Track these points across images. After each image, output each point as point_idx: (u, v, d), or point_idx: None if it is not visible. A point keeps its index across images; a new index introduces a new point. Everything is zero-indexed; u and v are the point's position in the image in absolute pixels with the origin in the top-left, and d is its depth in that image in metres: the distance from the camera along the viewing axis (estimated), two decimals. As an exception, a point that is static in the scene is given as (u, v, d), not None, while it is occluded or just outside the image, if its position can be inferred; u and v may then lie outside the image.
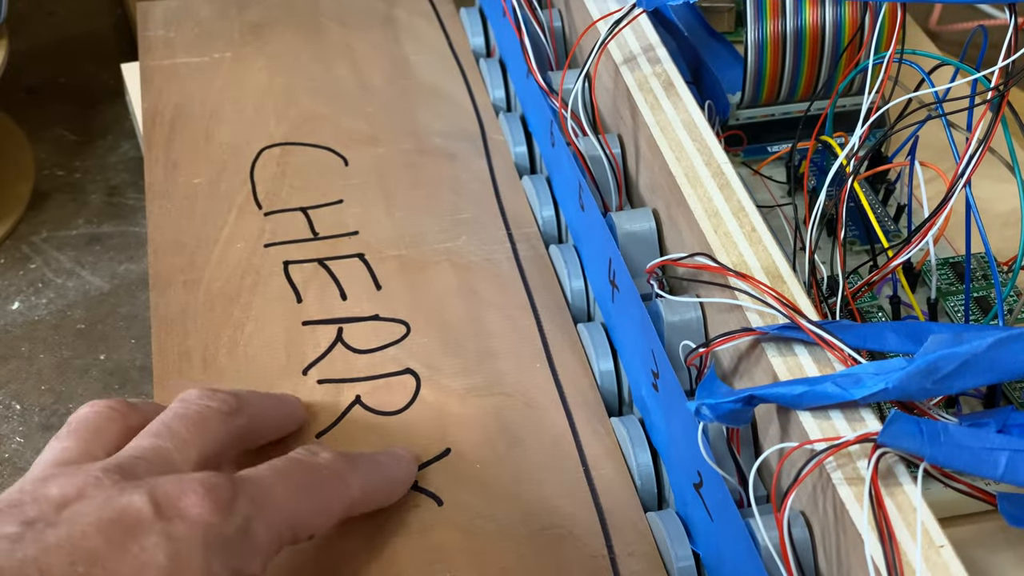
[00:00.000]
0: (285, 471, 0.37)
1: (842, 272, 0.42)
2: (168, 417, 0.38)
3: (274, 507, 0.35)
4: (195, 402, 0.39)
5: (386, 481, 0.40)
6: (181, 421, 0.38)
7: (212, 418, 0.38)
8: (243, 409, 0.40)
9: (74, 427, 0.38)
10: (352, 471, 0.38)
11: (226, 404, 0.39)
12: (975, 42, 0.48)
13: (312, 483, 0.37)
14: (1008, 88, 0.40)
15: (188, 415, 0.38)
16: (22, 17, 0.80)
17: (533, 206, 0.52)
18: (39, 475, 0.35)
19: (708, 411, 0.35)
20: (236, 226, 0.51)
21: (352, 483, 0.38)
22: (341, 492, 0.38)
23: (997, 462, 0.31)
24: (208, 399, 0.39)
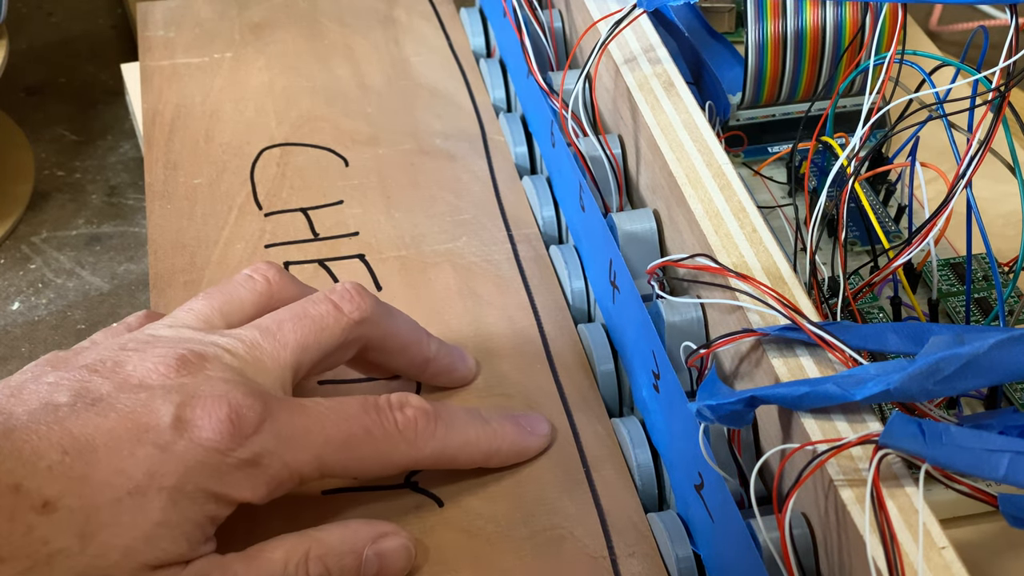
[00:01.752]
0: (339, 414, 0.37)
1: (843, 273, 0.42)
2: (286, 316, 0.39)
3: (302, 448, 0.36)
4: (323, 303, 0.39)
5: (480, 451, 0.40)
6: (296, 323, 0.38)
7: (331, 327, 0.39)
8: (376, 322, 0.40)
9: (219, 289, 0.40)
10: (432, 436, 0.38)
11: (358, 311, 0.39)
12: (976, 43, 0.48)
13: (366, 437, 0.37)
14: (1009, 89, 0.40)
15: (307, 318, 0.38)
16: (22, 17, 0.80)
17: (533, 207, 0.52)
18: (142, 338, 0.37)
19: (709, 412, 0.35)
20: (236, 227, 0.51)
21: (424, 447, 0.38)
22: (403, 452, 0.38)
23: (998, 463, 0.31)
24: (344, 301, 0.39)
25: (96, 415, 0.34)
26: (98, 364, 0.36)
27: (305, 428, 0.36)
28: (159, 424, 0.34)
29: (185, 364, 0.36)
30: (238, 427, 0.34)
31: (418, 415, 0.38)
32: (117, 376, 0.35)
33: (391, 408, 0.38)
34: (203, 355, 0.36)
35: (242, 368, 0.37)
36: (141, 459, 0.33)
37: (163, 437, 0.34)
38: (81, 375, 0.35)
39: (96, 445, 0.33)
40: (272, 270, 0.41)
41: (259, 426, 0.35)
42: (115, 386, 0.35)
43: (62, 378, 0.35)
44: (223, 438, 0.34)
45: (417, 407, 0.38)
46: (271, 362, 0.37)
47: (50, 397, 0.34)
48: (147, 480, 0.33)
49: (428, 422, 0.38)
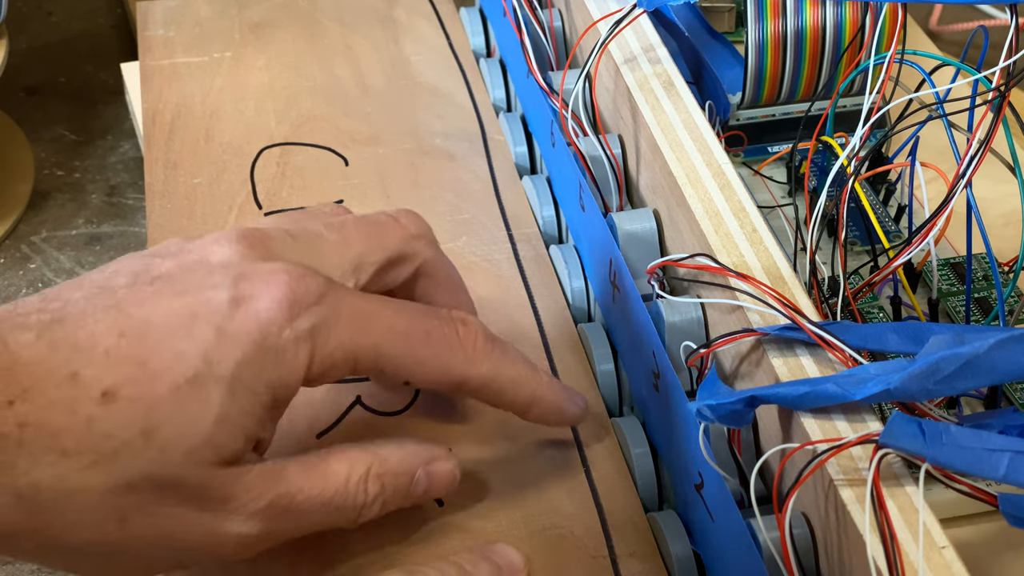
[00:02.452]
0: (402, 309, 0.37)
1: (843, 273, 0.42)
2: (348, 218, 0.39)
3: (362, 330, 0.35)
4: (382, 215, 0.39)
5: (525, 391, 0.39)
6: (358, 224, 0.38)
7: (391, 234, 0.39)
8: (431, 243, 0.40)
9: (294, 211, 0.40)
10: (488, 355, 0.38)
11: (415, 226, 0.39)
12: (976, 42, 0.48)
13: (426, 338, 0.37)
14: (1009, 89, 0.40)
15: (368, 222, 0.39)
16: (22, 17, 0.80)
17: (533, 206, 0.52)
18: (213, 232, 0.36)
19: (709, 412, 0.35)
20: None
21: (480, 364, 0.38)
22: (459, 363, 0.37)
23: (998, 463, 0.31)
24: (402, 216, 0.39)
25: (153, 294, 0.33)
26: (163, 248, 0.35)
27: (366, 312, 0.35)
28: (216, 299, 0.33)
29: (246, 240, 0.35)
30: (298, 298, 0.34)
31: (479, 332, 0.38)
32: (179, 256, 0.35)
33: (453, 319, 0.37)
34: (267, 235, 0.36)
35: (304, 253, 0.36)
36: (198, 340, 0.32)
37: (220, 313, 0.33)
38: (144, 259, 0.35)
39: (154, 325, 0.32)
40: (343, 208, 0.41)
41: (320, 297, 0.34)
42: (176, 264, 0.34)
43: (124, 263, 0.35)
44: (281, 309, 0.33)
45: (477, 325, 0.38)
46: (334, 253, 0.37)
47: (110, 281, 0.34)
48: (205, 367, 0.32)
49: (487, 342, 0.38)
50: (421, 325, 0.37)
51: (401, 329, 0.36)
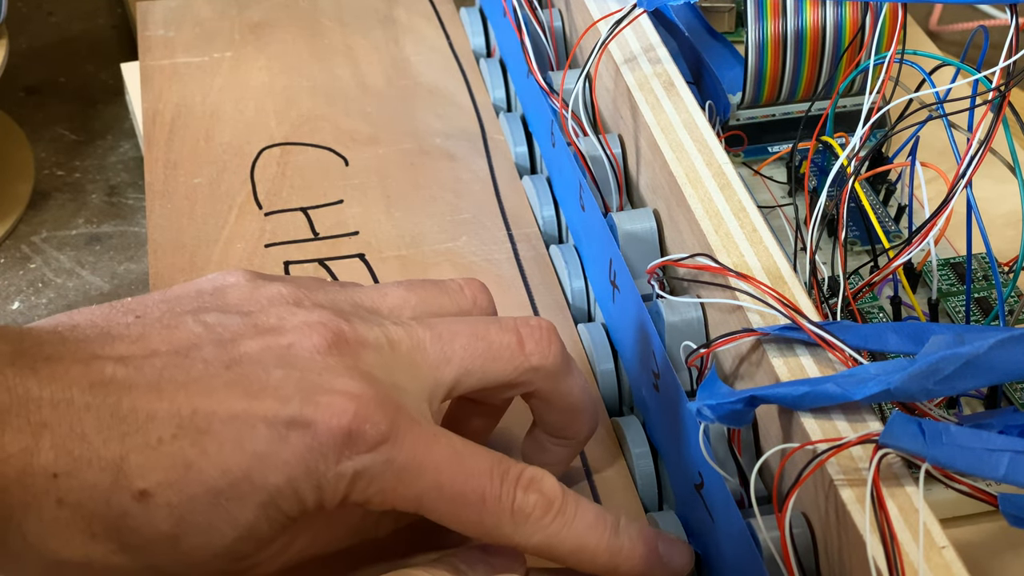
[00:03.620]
0: (463, 466, 0.34)
1: (843, 273, 0.42)
2: (464, 329, 0.36)
3: (408, 484, 0.33)
4: (508, 332, 0.36)
5: (593, 562, 0.36)
6: (471, 342, 0.36)
7: (504, 360, 0.36)
8: (553, 375, 0.37)
9: (424, 285, 0.38)
10: (543, 529, 0.35)
11: (538, 356, 0.36)
12: (976, 42, 0.48)
13: (477, 503, 0.34)
14: (1009, 88, 0.40)
15: (484, 341, 0.36)
16: (22, 17, 0.80)
17: (533, 206, 0.52)
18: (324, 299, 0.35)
19: (709, 412, 0.35)
20: (236, 226, 0.51)
21: (530, 536, 0.35)
22: (504, 532, 0.35)
23: (998, 463, 0.31)
24: (530, 339, 0.36)
25: (224, 386, 0.32)
26: (262, 316, 0.34)
27: (421, 465, 0.33)
28: (278, 415, 0.32)
29: (340, 344, 0.33)
30: (354, 439, 0.32)
31: (540, 503, 0.35)
32: (270, 336, 0.33)
33: (518, 483, 0.34)
34: (363, 340, 0.34)
35: (395, 365, 0.34)
36: (247, 455, 0.32)
37: (276, 430, 0.32)
38: (237, 325, 0.33)
39: (211, 427, 0.31)
40: (483, 294, 0.39)
41: (375, 446, 0.32)
42: (261, 348, 0.33)
43: (220, 322, 0.33)
44: (335, 444, 0.32)
45: (546, 495, 0.35)
46: (428, 370, 0.35)
47: (196, 345, 0.33)
48: (245, 485, 0.32)
49: (546, 513, 0.35)
50: (477, 487, 0.34)
51: (451, 492, 0.34)
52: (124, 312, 0.34)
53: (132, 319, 0.33)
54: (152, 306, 0.34)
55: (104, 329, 0.33)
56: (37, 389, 0.30)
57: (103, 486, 0.31)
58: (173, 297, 0.35)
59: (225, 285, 0.35)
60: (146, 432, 0.31)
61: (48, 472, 0.30)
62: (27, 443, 0.30)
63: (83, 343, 0.32)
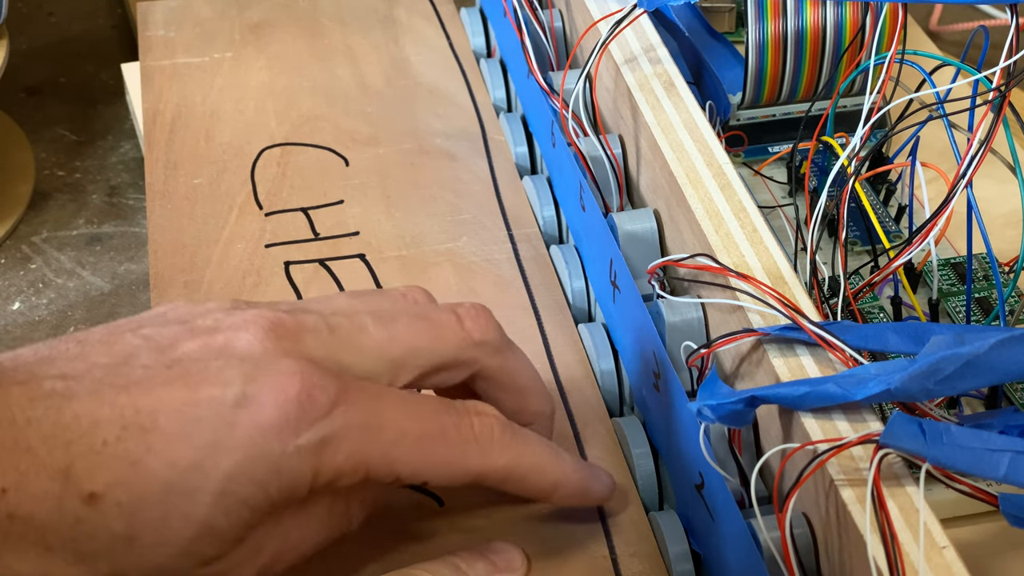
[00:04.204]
0: (416, 408, 0.34)
1: (843, 273, 0.42)
2: (404, 312, 0.36)
3: (373, 440, 0.33)
4: (446, 312, 0.37)
5: (548, 478, 0.37)
6: (413, 322, 0.36)
7: (448, 338, 0.36)
8: (496, 349, 0.37)
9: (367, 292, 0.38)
10: (506, 446, 0.36)
11: (479, 332, 0.37)
12: (976, 43, 0.48)
13: (441, 437, 0.35)
14: (1009, 89, 0.40)
15: (426, 320, 0.36)
16: (22, 17, 0.80)
17: (534, 206, 0.52)
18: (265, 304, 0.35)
19: (710, 412, 0.35)
20: (237, 226, 0.51)
21: (498, 456, 0.35)
22: (475, 459, 0.35)
23: (999, 463, 0.31)
24: (468, 318, 0.37)
25: (164, 383, 0.32)
26: (199, 321, 0.34)
27: (379, 418, 0.33)
28: (222, 399, 0.32)
29: (278, 329, 0.34)
30: (306, 408, 0.32)
31: (495, 423, 0.36)
32: (207, 335, 0.33)
33: (468, 411, 0.36)
34: (302, 325, 0.34)
35: (339, 348, 0.34)
36: (195, 444, 0.31)
37: (222, 416, 0.32)
38: (176, 331, 0.34)
39: (156, 423, 0.31)
40: (425, 298, 0.39)
41: (330, 409, 0.32)
42: (200, 346, 0.33)
43: (158, 332, 0.34)
44: (287, 420, 0.32)
45: (494, 415, 0.36)
46: (373, 351, 0.35)
47: (134, 353, 0.33)
48: (195, 475, 0.31)
49: (503, 432, 0.36)
50: (435, 423, 0.35)
51: (413, 433, 0.34)
52: (67, 341, 0.34)
53: (74, 344, 0.33)
54: (94, 332, 0.34)
55: (46, 356, 0.33)
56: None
57: (52, 494, 0.31)
58: (114, 325, 0.35)
59: (166, 310, 0.36)
60: (91, 437, 0.31)
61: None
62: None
63: (23, 367, 0.32)
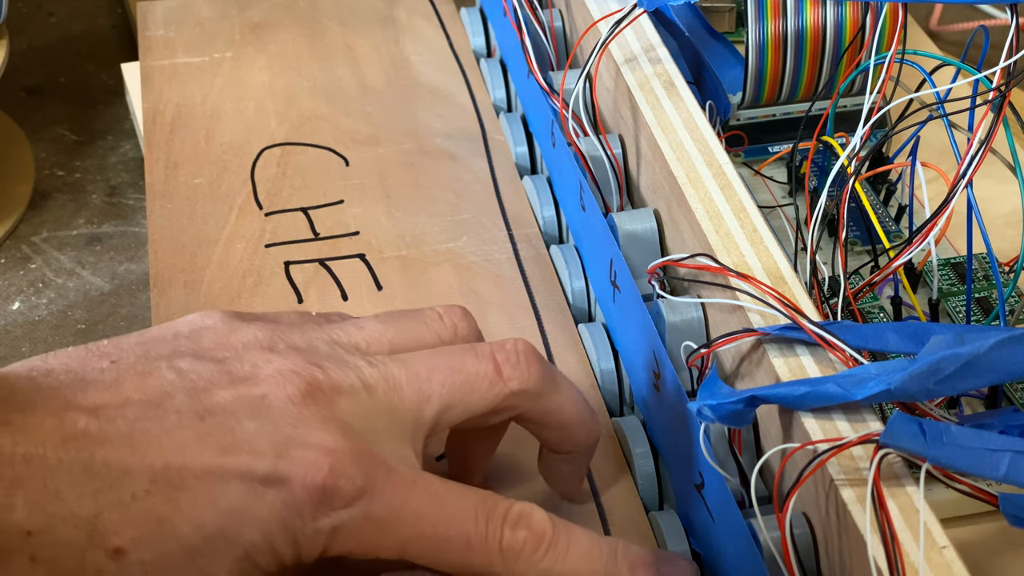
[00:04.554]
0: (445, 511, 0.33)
1: (843, 273, 0.42)
2: (440, 364, 0.35)
3: (388, 535, 0.32)
4: (484, 360, 0.35)
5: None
6: (447, 376, 0.35)
7: (483, 390, 0.35)
8: (537, 396, 0.36)
9: (402, 318, 0.37)
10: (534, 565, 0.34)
11: (517, 380, 0.35)
12: (976, 42, 0.48)
13: (462, 546, 0.33)
14: (1009, 88, 0.40)
15: (461, 374, 0.35)
16: (22, 17, 0.80)
17: (534, 206, 0.52)
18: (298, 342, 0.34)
19: (710, 412, 0.35)
20: (237, 226, 0.51)
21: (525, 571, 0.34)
22: (494, 572, 0.34)
23: (999, 463, 0.31)
24: (507, 364, 0.35)
25: (197, 438, 0.32)
26: (236, 364, 0.34)
27: (400, 515, 0.33)
28: (252, 470, 0.31)
29: (314, 393, 0.33)
30: (330, 495, 0.32)
31: (529, 540, 0.34)
32: (243, 386, 0.33)
33: (504, 521, 0.34)
34: (338, 386, 0.33)
35: (374, 411, 0.34)
36: (222, 511, 0.31)
37: (251, 487, 0.31)
38: (211, 372, 0.33)
39: (184, 483, 0.31)
40: (464, 321, 0.38)
41: (352, 501, 0.32)
42: (233, 398, 0.33)
43: (193, 369, 0.33)
44: (311, 500, 0.32)
45: (535, 531, 0.34)
46: (408, 412, 0.34)
47: (169, 394, 0.32)
48: (220, 541, 0.31)
49: (536, 549, 0.34)
50: (461, 531, 0.33)
51: (434, 538, 0.33)
52: (99, 356, 0.33)
53: (107, 364, 0.33)
54: (128, 350, 0.34)
55: (79, 375, 0.32)
56: (10, 445, 0.30)
57: (78, 544, 0.30)
58: (149, 339, 0.34)
59: (202, 328, 0.35)
60: (119, 488, 0.31)
61: (22, 529, 0.30)
62: (0, 500, 0.30)
63: (56, 390, 0.32)
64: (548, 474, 0.40)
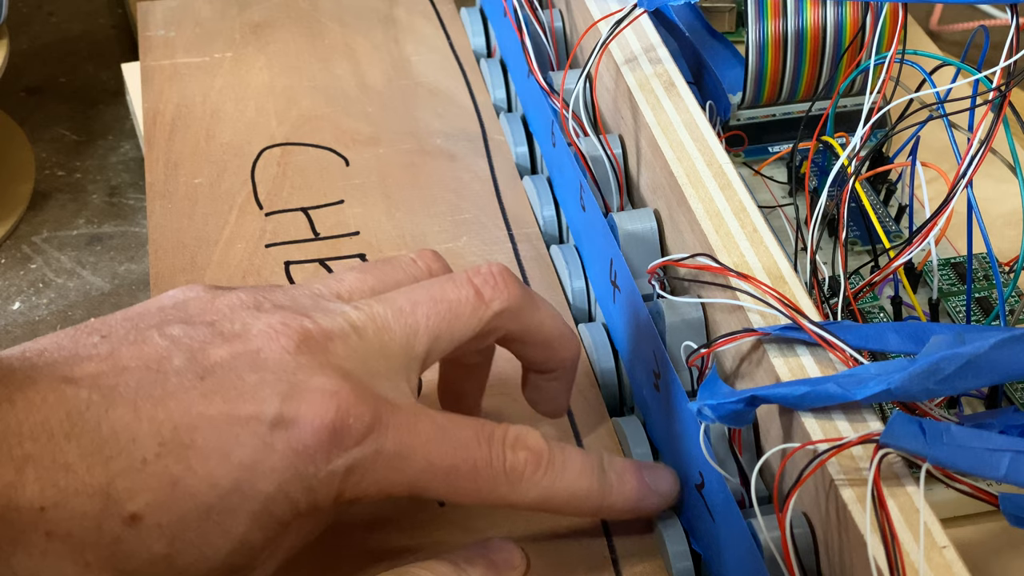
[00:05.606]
0: (450, 439, 0.34)
1: (843, 272, 0.42)
2: (422, 296, 0.36)
3: (400, 469, 0.33)
4: (464, 286, 0.36)
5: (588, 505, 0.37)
6: (431, 307, 0.35)
7: (467, 315, 0.36)
8: (518, 314, 0.37)
9: (376, 265, 0.38)
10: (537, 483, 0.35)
11: (499, 300, 0.36)
12: (976, 42, 0.48)
13: (470, 471, 0.34)
14: (1009, 88, 0.40)
15: (443, 302, 0.36)
16: (22, 17, 0.80)
17: (534, 206, 0.52)
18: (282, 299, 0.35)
19: (710, 412, 0.35)
20: (237, 226, 0.51)
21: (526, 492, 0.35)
22: (502, 493, 0.35)
23: (999, 463, 0.31)
24: (487, 286, 0.36)
25: (201, 396, 0.32)
26: (226, 324, 0.34)
27: (410, 448, 0.33)
28: (260, 417, 0.32)
29: (307, 341, 0.33)
30: (341, 435, 0.32)
31: (529, 459, 0.35)
32: (237, 342, 0.33)
33: (504, 444, 0.35)
34: (329, 333, 0.34)
35: (367, 352, 0.34)
36: (234, 464, 0.32)
37: (260, 436, 0.32)
38: (204, 333, 0.33)
39: (194, 441, 0.31)
40: (437, 262, 0.39)
41: (362, 438, 0.33)
42: (230, 354, 0.33)
43: (186, 333, 0.33)
44: (321, 444, 0.32)
45: (532, 448, 0.35)
46: (399, 348, 0.35)
47: (166, 357, 0.32)
48: (235, 496, 0.32)
49: (538, 467, 0.35)
50: (467, 457, 0.34)
51: (442, 466, 0.34)
52: (89, 333, 0.33)
53: (98, 339, 0.33)
54: (116, 325, 0.34)
55: (72, 351, 0.32)
56: (16, 422, 0.30)
57: (92, 514, 0.30)
58: (135, 315, 0.35)
59: (186, 299, 0.35)
60: (130, 454, 0.31)
61: (35, 506, 0.30)
62: (11, 478, 0.30)
63: (53, 366, 0.32)
64: (535, 396, 0.41)
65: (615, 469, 0.37)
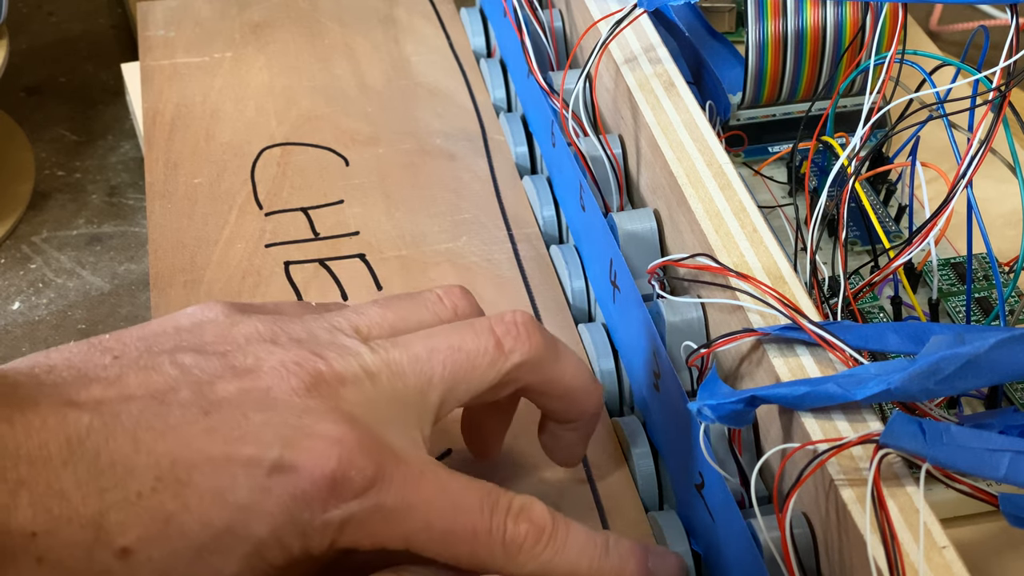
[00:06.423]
0: (452, 503, 0.33)
1: (843, 273, 0.42)
2: (440, 344, 0.35)
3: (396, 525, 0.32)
4: (484, 335, 0.35)
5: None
6: (449, 356, 0.35)
7: (484, 367, 0.35)
8: (538, 366, 0.36)
9: (401, 302, 0.37)
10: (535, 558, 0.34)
11: (519, 353, 0.35)
12: (976, 42, 0.48)
13: (468, 538, 0.33)
14: (1009, 88, 0.40)
15: (462, 352, 0.35)
16: (22, 17, 0.80)
17: (534, 206, 0.52)
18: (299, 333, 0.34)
19: (710, 412, 0.35)
20: (237, 226, 0.51)
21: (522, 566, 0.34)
22: (497, 564, 0.34)
23: (999, 463, 0.31)
24: (508, 336, 0.35)
25: (203, 432, 0.31)
26: (239, 356, 0.33)
27: (411, 505, 0.33)
28: (259, 461, 0.31)
29: (319, 384, 0.33)
30: (340, 487, 0.32)
31: (530, 532, 0.34)
32: (247, 378, 0.33)
33: (507, 514, 0.34)
34: (342, 376, 0.33)
35: (379, 399, 0.34)
36: (230, 507, 0.31)
37: (258, 479, 0.31)
38: (215, 366, 0.33)
39: (191, 479, 0.31)
40: (464, 300, 0.38)
41: (362, 492, 0.32)
42: (237, 392, 0.32)
43: (196, 364, 0.33)
44: (320, 492, 0.31)
45: (535, 521, 0.34)
46: (413, 396, 0.34)
47: (173, 388, 0.32)
48: (228, 537, 0.31)
49: (538, 542, 0.34)
50: (467, 524, 0.34)
51: (441, 530, 0.33)
52: (102, 352, 0.33)
53: (110, 359, 0.33)
54: (130, 344, 0.33)
55: (81, 371, 0.32)
56: (14, 444, 0.30)
57: (84, 544, 0.30)
58: (151, 334, 0.34)
59: (203, 321, 0.35)
60: (125, 486, 0.30)
61: (26, 531, 0.30)
62: (4, 501, 0.29)
63: (59, 387, 0.31)
64: (551, 444, 0.40)
65: (620, 552, 0.36)
